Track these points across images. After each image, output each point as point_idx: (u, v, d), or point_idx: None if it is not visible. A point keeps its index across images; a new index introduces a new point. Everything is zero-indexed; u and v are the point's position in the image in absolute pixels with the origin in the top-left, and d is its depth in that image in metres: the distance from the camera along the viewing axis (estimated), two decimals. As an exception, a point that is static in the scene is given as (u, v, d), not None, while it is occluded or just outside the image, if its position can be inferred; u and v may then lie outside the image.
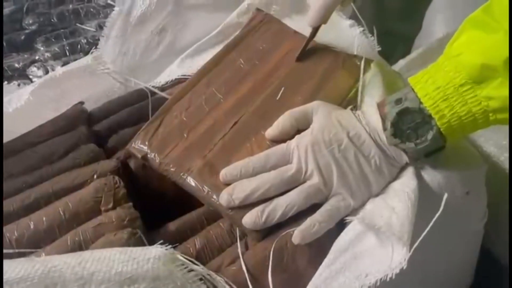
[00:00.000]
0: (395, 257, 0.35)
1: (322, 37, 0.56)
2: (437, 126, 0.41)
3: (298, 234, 0.40)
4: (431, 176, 0.44)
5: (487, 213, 0.51)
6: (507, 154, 0.58)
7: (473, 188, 0.47)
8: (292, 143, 0.44)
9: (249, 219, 0.41)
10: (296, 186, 0.42)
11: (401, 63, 0.80)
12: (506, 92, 0.37)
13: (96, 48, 0.61)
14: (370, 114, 0.45)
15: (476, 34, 0.39)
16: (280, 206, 0.41)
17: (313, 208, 0.42)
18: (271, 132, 0.46)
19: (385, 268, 0.34)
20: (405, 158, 0.43)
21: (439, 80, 0.40)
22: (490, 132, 0.61)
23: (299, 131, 0.45)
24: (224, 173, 0.44)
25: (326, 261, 0.38)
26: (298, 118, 0.46)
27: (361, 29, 0.57)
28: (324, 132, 0.43)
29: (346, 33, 0.58)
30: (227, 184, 0.43)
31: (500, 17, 0.38)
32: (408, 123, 0.42)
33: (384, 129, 0.43)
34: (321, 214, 0.41)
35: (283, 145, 0.44)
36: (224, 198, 0.42)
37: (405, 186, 0.41)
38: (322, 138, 0.43)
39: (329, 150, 0.42)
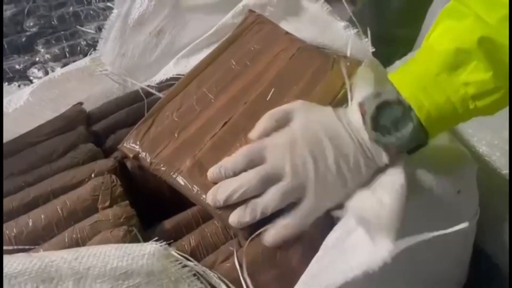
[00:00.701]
0: (380, 252, 0.35)
1: (317, 38, 0.57)
2: (417, 118, 0.40)
3: (269, 236, 0.40)
4: (421, 175, 0.44)
5: (478, 211, 0.52)
6: (498, 154, 0.59)
7: (464, 187, 0.47)
8: (266, 141, 0.44)
9: (234, 218, 0.42)
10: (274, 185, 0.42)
11: (397, 64, 0.80)
12: (481, 76, 0.37)
13: (95, 50, 0.62)
14: (352, 114, 0.44)
15: (449, 23, 0.40)
16: (259, 206, 0.41)
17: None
18: (253, 134, 0.46)
19: (370, 262, 0.35)
20: (385, 159, 0.42)
21: (416, 71, 0.40)
22: (483, 133, 0.61)
23: None
24: (211, 171, 0.44)
25: (315, 258, 0.39)
26: (278, 118, 0.45)
27: (355, 30, 0.57)
28: (302, 131, 0.43)
29: (341, 35, 0.58)
30: (216, 183, 0.43)
31: (470, 2, 0.38)
32: (387, 116, 0.41)
33: (364, 123, 0.42)
34: (294, 215, 0.41)
35: (258, 144, 0.44)
36: (209, 198, 0.43)
37: (394, 181, 0.41)
38: (300, 136, 0.42)
39: (307, 149, 0.42)
